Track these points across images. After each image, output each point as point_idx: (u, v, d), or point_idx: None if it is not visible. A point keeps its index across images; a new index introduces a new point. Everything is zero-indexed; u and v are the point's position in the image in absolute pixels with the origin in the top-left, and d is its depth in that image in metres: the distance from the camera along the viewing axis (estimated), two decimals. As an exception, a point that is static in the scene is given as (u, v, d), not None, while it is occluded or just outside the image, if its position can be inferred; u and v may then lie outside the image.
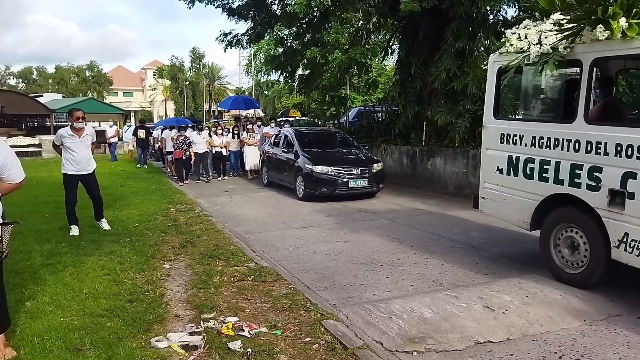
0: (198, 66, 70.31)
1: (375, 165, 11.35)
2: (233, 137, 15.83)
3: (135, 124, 26.57)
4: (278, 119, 19.90)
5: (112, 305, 4.65)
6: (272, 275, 5.59)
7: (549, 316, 4.44)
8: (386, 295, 5.04)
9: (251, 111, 24.58)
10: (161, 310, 4.59)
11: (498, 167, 5.93)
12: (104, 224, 7.99)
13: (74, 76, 68.67)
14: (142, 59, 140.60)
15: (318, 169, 10.88)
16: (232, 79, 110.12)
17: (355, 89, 26.62)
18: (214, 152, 15.33)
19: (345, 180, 10.84)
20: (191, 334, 4.10)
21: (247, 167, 15.40)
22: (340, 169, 10.93)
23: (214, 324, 4.27)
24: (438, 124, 12.13)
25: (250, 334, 4.10)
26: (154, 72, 72.48)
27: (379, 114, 16.89)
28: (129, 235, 7.57)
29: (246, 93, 59.93)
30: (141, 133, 19.94)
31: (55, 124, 28.76)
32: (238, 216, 9.54)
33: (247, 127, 15.66)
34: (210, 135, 15.45)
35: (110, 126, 22.08)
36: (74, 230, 7.55)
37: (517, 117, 6.99)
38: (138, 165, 19.13)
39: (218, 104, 70.85)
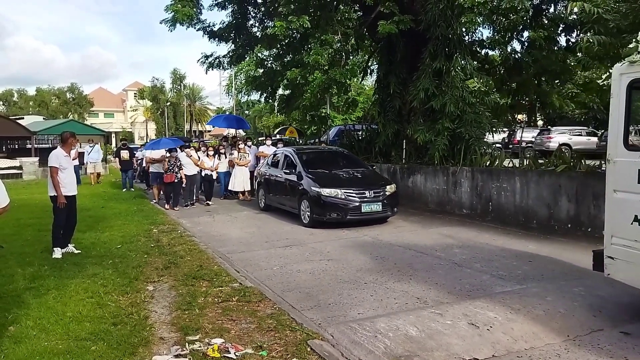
0: (179, 87, 70.34)
1: (388, 187, 10.37)
2: (220, 158, 14.80)
3: (116, 144, 25.97)
4: (273, 138, 19.34)
5: (96, 328, 4.59)
6: (256, 295, 5.57)
7: (533, 332, 4.50)
8: (371, 314, 5.06)
9: (232, 130, 24.52)
10: (146, 332, 4.54)
11: (637, 216, 4.45)
12: (74, 248, 7.87)
13: (54, 98, 67.95)
14: (123, 81, 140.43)
15: (326, 191, 9.81)
16: (213, 99, 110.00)
17: (335, 108, 26.92)
18: (203, 174, 14.16)
19: (357, 204, 9.78)
20: (176, 356, 4.07)
21: (238, 189, 14.42)
22: (352, 191, 9.86)
23: (200, 346, 4.24)
24: (418, 142, 12.32)
25: (236, 355, 4.08)
26: (135, 94, 72.23)
27: (359, 133, 17.08)
28: (111, 257, 7.49)
29: (227, 113, 59.90)
30: (124, 154, 18.70)
31: (36, 145, 28.40)
32: (221, 236, 9.49)
33: (239, 146, 14.68)
34: (198, 156, 14.24)
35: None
36: (57, 253, 7.44)
37: None
38: (124, 189, 17.88)
39: (207, 121, 71.03)
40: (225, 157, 14.95)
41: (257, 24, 17.00)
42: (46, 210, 9.04)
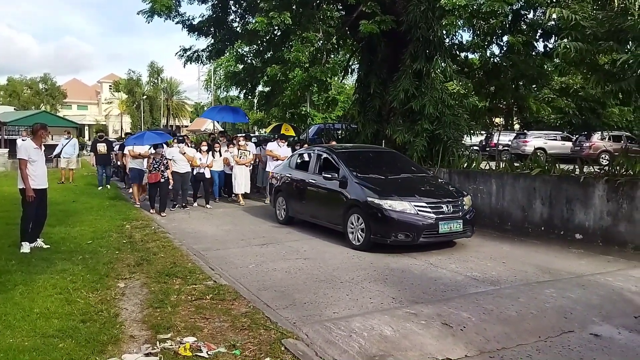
0: (156, 80, 69.40)
1: (465, 198, 8.31)
2: (214, 155, 13.16)
3: (89, 137, 24.75)
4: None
5: (64, 325, 4.47)
6: (231, 294, 5.51)
7: (505, 333, 4.54)
8: (346, 313, 5.04)
9: (210, 125, 24.10)
10: (116, 330, 4.44)
11: None
12: (43, 243, 7.67)
13: (26, 88, 66.21)
14: (98, 72, 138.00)
15: (389, 204, 7.62)
16: (191, 94, 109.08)
17: (315, 106, 26.86)
18: (194, 173, 12.64)
19: (432, 222, 7.58)
20: (147, 355, 3.99)
21: (238, 191, 13.01)
22: (425, 205, 7.69)
23: (171, 345, 4.16)
24: (396, 142, 12.35)
25: (208, 354, 4.01)
26: (110, 86, 71.03)
27: (339, 132, 17.07)
28: (81, 252, 7.31)
29: (205, 108, 59.32)
30: (101, 147, 16.61)
31: (6, 137, 27.62)
32: (196, 233, 9.37)
33: (240, 143, 13.29)
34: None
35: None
36: (25, 248, 7.24)
37: None
38: (100, 187, 16.20)
39: (184, 116, 70.05)
40: (220, 155, 13.38)
41: (237, 19, 16.84)
42: (15, 203, 8.80)
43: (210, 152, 13.08)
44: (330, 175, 8.72)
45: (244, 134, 18.64)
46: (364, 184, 8.18)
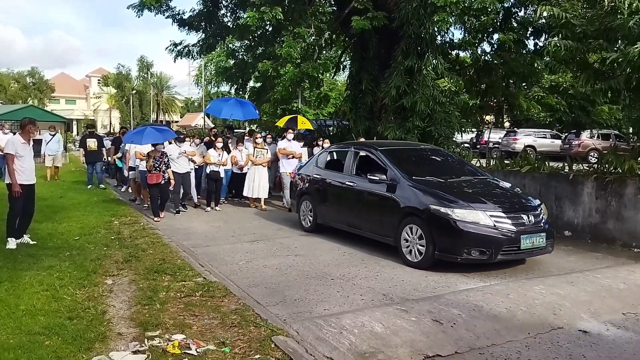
0: (146, 75, 68.88)
1: (542, 207, 7.05)
2: (228, 153, 12.03)
3: (77, 132, 24.22)
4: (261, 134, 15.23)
5: (50, 322, 4.41)
6: (221, 291, 5.46)
7: (495, 329, 4.55)
8: (337, 310, 5.02)
9: (200, 121, 23.86)
10: (103, 328, 4.38)
11: None
12: (29, 239, 7.57)
13: (13, 82, 65.42)
14: (87, 67, 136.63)
15: (459, 213, 6.32)
16: (182, 89, 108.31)
17: (307, 102, 26.85)
18: (208, 171, 11.50)
19: (512, 235, 6.31)
20: (135, 352, 3.94)
21: (255, 195, 11.73)
22: (501, 214, 6.42)
23: (159, 342, 4.11)
24: (388, 139, 12.38)
25: (197, 352, 3.97)
26: (98, 80, 70.38)
27: (331, 128, 17.05)
28: (69, 249, 7.22)
29: (195, 104, 59.06)
30: (91, 143, 15.27)
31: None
32: (186, 229, 9.30)
33: (256, 140, 12.20)
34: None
35: (5, 133, 15.69)
36: (11, 244, 7.14)
37: None
38: (89, 186, 15.11)
39: (174, 111, 69.33)
40: (229, 152, 12.15)
41: (228, 14, 16.75)
42: (2, 198, 8.66)
43: (225, 150, 11.88)
44: (377, 178, 7.37)
45: (253, 131, 17.74)
46: (422, 188, 6.88)
